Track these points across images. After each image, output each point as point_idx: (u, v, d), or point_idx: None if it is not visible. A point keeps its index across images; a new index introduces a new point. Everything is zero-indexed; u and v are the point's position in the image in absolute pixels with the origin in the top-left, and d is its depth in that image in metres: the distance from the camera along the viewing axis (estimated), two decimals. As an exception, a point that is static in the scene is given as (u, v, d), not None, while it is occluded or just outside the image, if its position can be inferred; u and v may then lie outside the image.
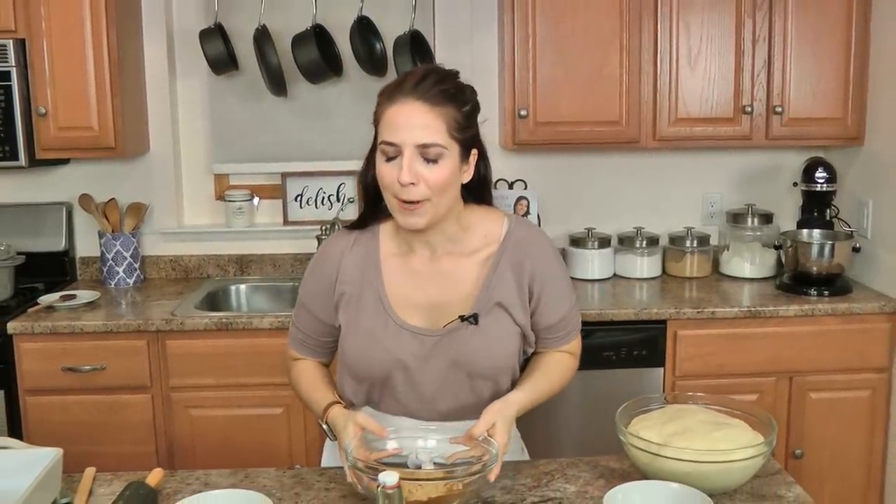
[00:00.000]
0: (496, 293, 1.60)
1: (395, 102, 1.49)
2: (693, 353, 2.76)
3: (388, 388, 1.62)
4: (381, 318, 1.61)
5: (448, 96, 1.49)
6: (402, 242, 1.64)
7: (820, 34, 2.91)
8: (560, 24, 2.90)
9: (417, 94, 1.47)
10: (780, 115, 2.94)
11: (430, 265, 1.62)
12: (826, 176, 2.96)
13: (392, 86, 1.53)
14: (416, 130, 1.46)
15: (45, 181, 3.22)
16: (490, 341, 1.60)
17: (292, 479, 1.58)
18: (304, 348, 1.74)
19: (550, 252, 1.68)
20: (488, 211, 1.68)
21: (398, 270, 1.63)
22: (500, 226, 1.65)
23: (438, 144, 1.48)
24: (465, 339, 1.59)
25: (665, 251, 3.21)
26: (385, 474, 1.17)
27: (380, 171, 1.52)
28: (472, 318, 1.58)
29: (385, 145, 1.49)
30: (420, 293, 1.61)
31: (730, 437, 1.47)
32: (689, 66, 2.93)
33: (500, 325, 1.61)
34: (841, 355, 2.76)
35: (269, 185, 3.34)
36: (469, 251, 1.63)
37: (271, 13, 3.12)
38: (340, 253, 1.66)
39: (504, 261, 1.62)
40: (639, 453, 1.48)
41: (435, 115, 1.47)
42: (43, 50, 2.82)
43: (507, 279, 1.61)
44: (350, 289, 1.64)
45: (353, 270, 1.64)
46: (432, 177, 1.48)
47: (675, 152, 3.28)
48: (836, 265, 2.85)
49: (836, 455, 2.82)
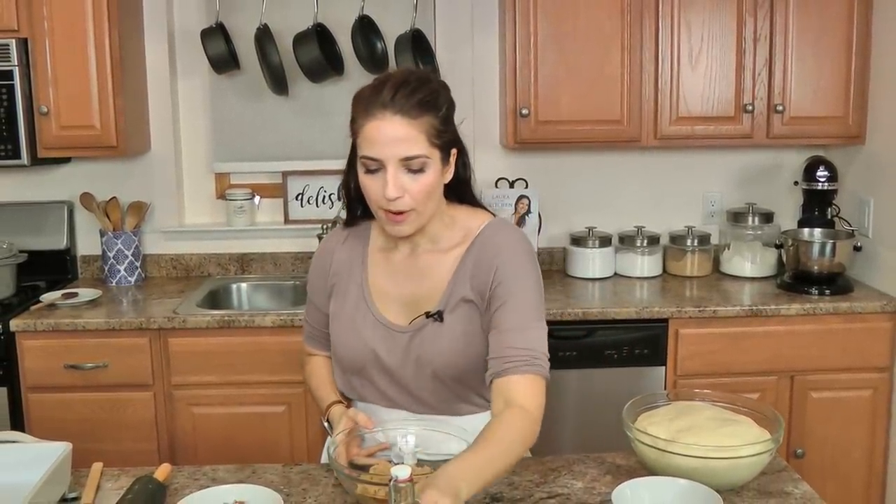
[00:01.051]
0: (461, 289, 1.57)
1: (373, 117, 1.46)
2: (694, 351, 2.76)
3: (367, 378, 1.65)
4: (361, 309, 1.65)
5: (424, 105, 1.47)
6: (388, 239, 1.65)
7: (821, 33, 2.92)
8: (561, 23, 2.91)
9: (395, 107, 1.45)
10: (781, 113, 2.94)
11: (409, 261, 1.64)
12: (827, 175, 2.97)
13: (367, 97, 1.49)
14: (398, 145, 1.45)
15: (46, 180, 3.22)
16: (454, 339, 1.57)
17: (299, 475, 1.58)
18: (313, 341, 1.79)
19: (522, 255, 1.57)
20: (473, 211, 1.65)
21: (381, 265, 1.66)
22: (481, 224, 1.61)
23: (421, 155, 1.47)
24: (430, 337, 1.58)
25: (666, 250, 3.22)
26: (397, 468, 1.17)
27: (363, 182, 1.51)
28: (437, 315, 1.57)
29: (367, 160, 1.48)
30: (398, 288, 1.63)
31: (737, 434, 1.48)
32: (690, 65, 2.94)
33: (465, 322, 1.57)
34: (842, 354, 2.77)
35: (270, 184, 3.34)
36: (447, 248, 1.61)
37: (272, 12, 3.12)
38: (334, 246, 1.72)
39: (469, 256, 1.58)
40: (646, 449, 1.48)
41: (414, 127, 1.46)
42: (45, 49, 2.82)
43: (470, 274, 1.57)
44: (339, 280, 1.69)
45: (344, 263, 1.69)
46: (417, 187, 1.48)
47: (676, 151, 3.28)
48: (837, 264, 2.86)
49: (837, 455, 2.82)
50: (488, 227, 1.60)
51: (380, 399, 1.65)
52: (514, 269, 1.54)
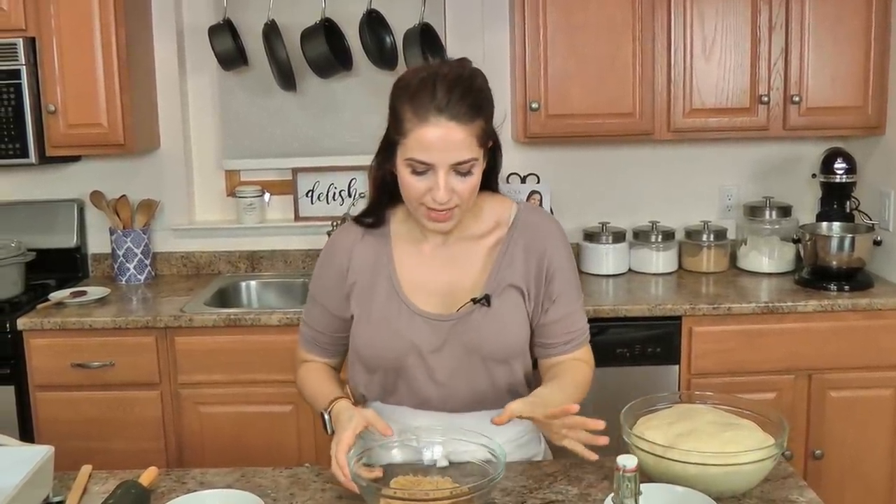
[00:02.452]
0: (507, 274, 1.60)
1: (426, 122, 1.45)
2: (709, 349, 2.70)
3: (403, 376, 1.61)
4: (394, 304, 1.60)
5: (476, 109, 1.48)
6: (413, 228, 1.64)
7: (838, 20, 2.83)
8: (571, 15, 2.85)
9: (449, 113, 1.45)
10: (798, 104, 2.86)
11: (441, 250, 1.63)
12: (845, 167, 2.89)
13: (417, 96, 1.47)
14: (451, 151, 1.46)
15: (57, 178, 3.23)
16: (503, 323, 1.59)
17: (288, 479, 1.55)
18: (315, 347, 1.72)
19: (563, 240, 1.67)
20: (497, 197, 1.68)
21: (410, 256, 1.64)
22: (510, 210, 1.66)
23: (472, 159, 1.48)
24: (478, 322, 1.58)
25: (681, 245, 3.15)
26: (623, 457, 1.17)
27: (407, 182, 1.51)
28: (485, 300, 1.58)
29: (416, 163, 1.48)
30: (432, 278, 1.62)
31: (738, 439, 1.42)
32: (704, 56, 2.87)
33: (513, 306, 1.60)
34: (862, 352, 2.69)
35: (281, 181, 3.32)
36: (479, 235, 1.63)
37: (281, 8, 3.09)
38: (351, 243, 1.66)
39: (515, 242, 1.62)
40: (644, 455, 1.43)
41: (467, 132, 1.46)
42: (52, 48, 2.82)
43: (520, 260, 1.61)
44: (362, 278, 1.63)
45: (366, 259, 1.64)
46: (464, 188, 1.50)
47: (690, 144, 3.21)
48: (856, 259, 2.78)
49: (857, 455, 2.74)
50: (523, 213, 1.65)
51: (411, 398, 1.61)
52: (561, 258, 1.63)
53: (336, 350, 1.73)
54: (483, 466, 1.44)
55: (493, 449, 1.44)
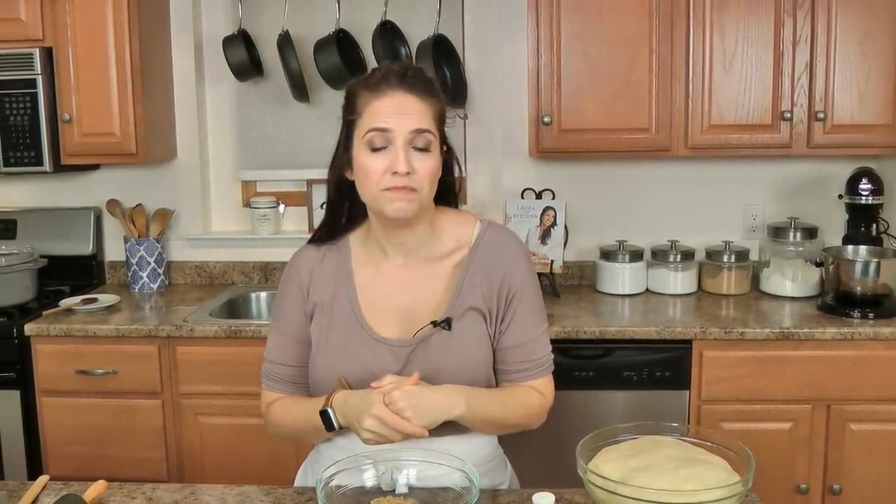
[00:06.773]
0: (469, 297, 1.55)
1: (383, 94, 1.47)
2: (720, 375, 2.58)
3: None
4: (354, 330, 1.55)
5: (433, 90, 1.52)
6: (373, 248, 1.60)
7: (867, 35, 2.68)
8: (586, 27, 2.77)
9: (406, 86, 1.48)
10: (823, 121, 2.73)
11: (402, 271, 1.58)
12: (871, 187, 2.74)
13: (373, 79, 1.50)
14: (410, 117, 1.46)
15: (77, 186, 3.28)
16: (464, 348, 1.54)
17: (237, 498, 1.51)
18: (284, 384, 1.61)
19: (524, 260, 1.61)
20: (459, 214, 1.64)
21: (370, 278, 1.59)
22: (472, 229, 1.61)
23: (430, 131, 1.48)
24: (438, 346, 1.53)
25: (701, 266, 3.03)
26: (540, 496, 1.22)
27: (364, 164, 1.48)
28: (445, 324, 1.52)
29: (374, 132, 1.46)
30: (392, 300, 1.57)
31: (697, 476, 1.33)
32: (724, 70, 2.75)
33: (474, 330, 1.55)
34: (884, 383, 2.53)
35: (296, 193, 3.32)
36: (440, 256, 1.58)
37: (297, 18, 3.09)
38: (311, 265, 1.62)
39: (476, 263, 1.57)
40: (596, 490, 1.35)
41: (424, 105, 1.49)
42: (68, 57, 2.86)
43: (481, 282, 1.56)
44: (322, 300, 1.59)
45: (326, 282, 1.60)
46: (423, 167, 1.47)
47: (711, 161, 3.09)
48: (882, 285, 2.62)
49: (878, 492, 2.58)
50: (486, 234, 1.59)
51: None
52: (522, 278, 1.57)
53: (306, 382, 1.62)
54: (459, 492, 1.39)
55: (468, 473, 1.39)
